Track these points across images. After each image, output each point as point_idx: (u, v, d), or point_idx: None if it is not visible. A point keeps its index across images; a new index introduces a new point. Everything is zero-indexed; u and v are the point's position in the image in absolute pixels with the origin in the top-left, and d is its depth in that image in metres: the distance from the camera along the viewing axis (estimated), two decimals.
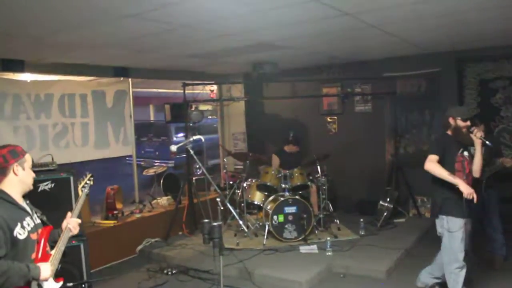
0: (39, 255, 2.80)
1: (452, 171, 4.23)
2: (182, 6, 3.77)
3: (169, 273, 5.99)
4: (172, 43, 5.55)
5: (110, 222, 6.76)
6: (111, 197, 7.02)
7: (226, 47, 6.01)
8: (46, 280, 2.72)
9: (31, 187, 2.91)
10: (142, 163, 12.67)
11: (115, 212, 6.99)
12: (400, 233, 6.98)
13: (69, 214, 3.13)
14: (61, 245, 2.92)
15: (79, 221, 3.15)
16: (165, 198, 8.11)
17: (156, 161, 13.11)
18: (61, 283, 2.88)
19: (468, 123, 4.35)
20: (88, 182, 3.53)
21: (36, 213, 2.96)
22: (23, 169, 2.81)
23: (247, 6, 3.91)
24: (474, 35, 5.91)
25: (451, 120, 4.40)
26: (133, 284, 5.75)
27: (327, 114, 8.97)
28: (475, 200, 4.07)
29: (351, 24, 4.79)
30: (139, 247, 6.97)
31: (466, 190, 4.03)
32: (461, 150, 4.36)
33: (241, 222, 6.57)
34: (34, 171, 2.97)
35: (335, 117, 8.88)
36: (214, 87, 9.45)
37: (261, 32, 5.12)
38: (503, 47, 6.77)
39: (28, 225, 2.78)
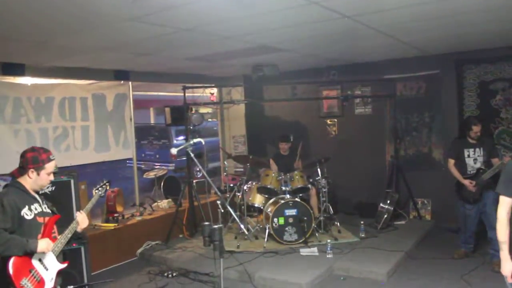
0: (43, 237, 3.18)
1: None
2: (182, 10, 3.79)
3: (170, 275, 6.00)
4: (172, 46, 5.56)
5: (111, 225, 6.78)
6: (112, 200, 7.03)
7: (226, 50, 6.02)
8: (43, 252, 3.12)
9: (43, 188, 3.45)
10: (142, 166, 12.66)
11: (115, 215, 7.00)
12: (401, 236, 6.98)
13: (80, 211, 3.60)
14: (67, 232, 3.35)
15: (85, 218, 3.53)
16: (165, 201, 8.12)
17: (156, 164, 13.10)
18: (65, 265, 3.32)
19: None
20: (103, 186, 3.99)
21: (46, 203, 3.40)
22: (38, 174, 3.24)
23: (246, 9, 3.92)
24: (473, 37, 5.93)
25: None
26: (133, 286, 5.76)
27: (327, 116, 8.98)
28: None
29: (351, 26, 4.80)
30: (140, 250, 6.97)
31: None
32: None
33: (241, 225, 6.58)
34: None
35: (335, 120, 8.90)
36: (214, 90, 9.46)
37: (261, 35, 5.14)
38: (503, 48, 6.79)
39: (36, 209, 3.23)
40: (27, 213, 3.13)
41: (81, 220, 3.46)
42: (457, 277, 5.40)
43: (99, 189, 3.92)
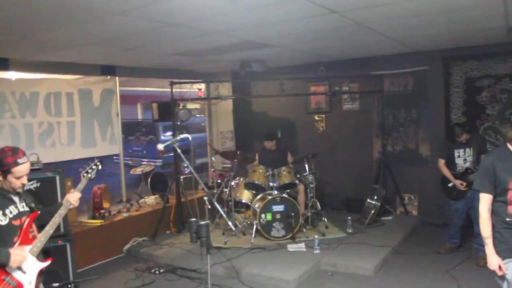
0: (20, 239, 3.05)
1: None
2: (169, 4, 3.75)
3: (157, 272, 5.97)
4: (160, 41, 5.51)
5: (97, 222, 6.71)
6: (98, 196, 6.97)
7: (214, 45, 5.99)
8: (16, 266, 2.93)
9: (17, 190, 3.13)
10: (129, 162, 12.59)
11: (102, 211, 6.94)
12: (387, 231, 7.02)
13: (71, 190, 3.42)
14: (48, 228, 3.15)
15: (80, 195, 3.39)
16: (152, 197, 8.08)
17: (143, 160, 13.04)
18: (47, 263, 3.16)
19: None
20: (94, 167, 3.66)
21: (24, 200, 3.21)
22: (5, 178, 3.03)
23: (233, 4, 3.90)
24: (460, 34, 5.96)
25: None
26: (120, 283, 5.72)
27: (315, 112, 8.99)
28: None
29: (338, 22, 4.80)
30: (127, 247, 6.92)
31: None
32: None
33: (229, 222, 6.57)
34: None
35: (323, 115, 8.91)
36: (202, 86, 9.40)
37: (248, 30, 5.12)
38: (489, 45, 6.84)
39: (11, 212, 3.05)
40: (1, 219, 2.97)
41: (75, 200, 3.31)
42: (443, 271, 5.45)
43: (89, 171, 3.60)
